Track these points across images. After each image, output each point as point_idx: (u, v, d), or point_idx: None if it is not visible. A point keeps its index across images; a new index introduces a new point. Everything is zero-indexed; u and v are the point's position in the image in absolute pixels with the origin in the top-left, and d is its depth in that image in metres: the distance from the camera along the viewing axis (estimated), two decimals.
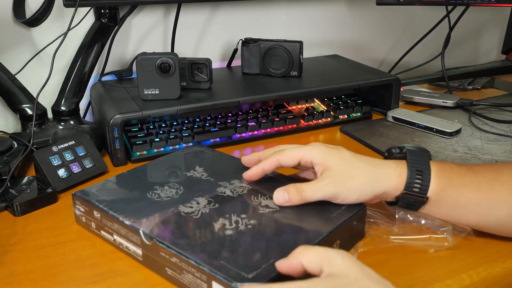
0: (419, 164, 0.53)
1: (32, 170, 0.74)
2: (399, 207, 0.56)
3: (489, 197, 0.53)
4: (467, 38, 1.44)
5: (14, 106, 0.86)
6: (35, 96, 0.79)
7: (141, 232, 0.51)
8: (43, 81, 0.78)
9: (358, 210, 0.54)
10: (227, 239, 0.49)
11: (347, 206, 0.54)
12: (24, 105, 0.86)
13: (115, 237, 0.55)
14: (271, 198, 0.56)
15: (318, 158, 0.54)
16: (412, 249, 0.56)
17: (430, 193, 0.53)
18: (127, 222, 0.52)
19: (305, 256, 0.42)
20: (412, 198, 0.53)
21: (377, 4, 1.04)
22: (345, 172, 0.53)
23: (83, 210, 0.58)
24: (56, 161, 0.70)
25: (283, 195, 0.54)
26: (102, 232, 0.56)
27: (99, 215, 0.56)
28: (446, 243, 0.55)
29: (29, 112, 0.86)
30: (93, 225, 0.57)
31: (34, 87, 0.86)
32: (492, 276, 0.52)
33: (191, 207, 0.55)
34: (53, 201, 0.67)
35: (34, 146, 0.78)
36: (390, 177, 0.53)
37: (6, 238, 0.59)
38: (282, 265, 0.43)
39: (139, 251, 0.52)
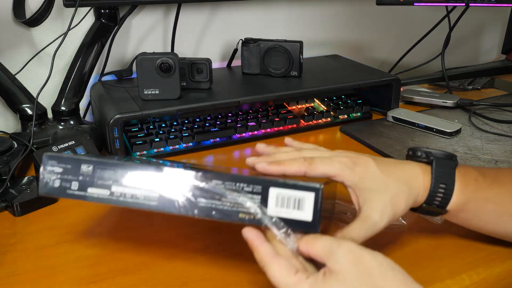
0: (443, 177, 0.51)
1: (32, 170, 0.74)
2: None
3: (510, 209, 0.52)
4: (467, 38, 1.44)
5: (14, 106, 0.86)
6: (35, 96, 0.79)
7: (164, 168, 0.46)
8: (43, 81, 0.78)
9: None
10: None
11: None
12: (24, 105, 0.86)
13: (114, 188, 0.48)
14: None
15: (351, 182, 0.50)
16: (411, 249, 0.56)
17: (450, 206, 0.52)
18: (143, 165, 0.47)
19: (312, 249, 0.43)
20: (431, 210, 0.52)
21: (377, 4, 1.04)
22: (388, 201, 0.49)
23: (60, 170, 0.49)
24: None
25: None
26: (90, 190, 0.49)
27: (90, 168, 0.49)
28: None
29: (29, 112, 0.86)
30: (75, 185, 0.49)
31: (34, 87, 0.86)
32: (492, 276, 0.52)
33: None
34: (53, 201, 0.67)
35: (34, 146, 0.78)
36: (420, 190, 0.52)
37: (6, 238, 0.59)
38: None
39: (154, 194, 0.47)
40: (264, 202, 0.45)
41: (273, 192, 0.45)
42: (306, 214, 0.44)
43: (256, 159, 0.51)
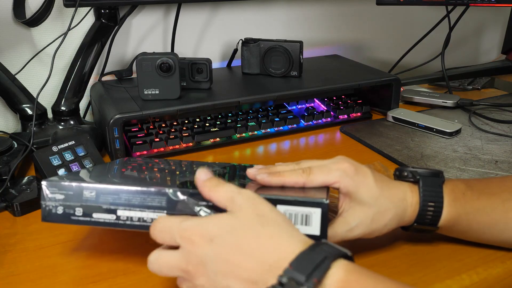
0: (431, 195, 0.52)
1: (32, 170, 0.74)
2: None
3: (504, 218, 0.52)
4: (467, 38, 1.44)
5: (14, 106, 0.86)
6: (35, 96, 0.79)
7: (169, 190, 0.47)
8: (43, 81, 0.78)
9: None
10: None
11: None
12: (24, 105, 0.86)
13: (120, 212, 0.48)
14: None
15: (347, 190, 0.50)
16: (412, 250, 0.56)
17: (441, 223, 0.52)
18: (147, 188, 0.48)
19: (215, 195, 0.44)
20: (423, 228, 0.53)
21: (377, 4, 1.04)
22: (371, 215, 0.50)
23: (61, 197, 0.49)
24: (56, 161, 0.70)
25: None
26: (96, 215, 0.49)
27: (93, 193, 0.49)
28: None
29: (29, 112, 0.86)
30: (79, 211, 0.49)
31: (34, 87, 0.86)
32: (492, 276, 0.52)
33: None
34: None
35: (34, 146, 0.78)
36: (407, 210, 0.52)
37: (6, 238, 0.59)
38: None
39: (162, 215, 0.48)
40: None
41: (281, 209, 0.45)
42: (313, 229, 0.45)
43: (256, 171, 0.51)
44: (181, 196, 0.47)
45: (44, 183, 0.49)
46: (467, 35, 1.43)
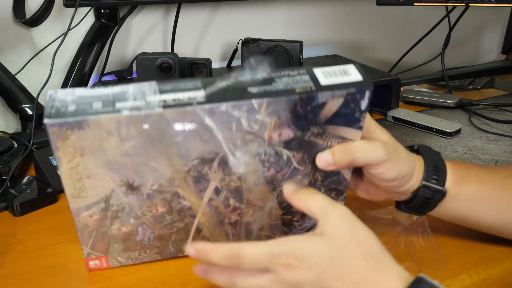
0: (434, 159, 0.52)
1: (32, 170, 0.74)
2: (413, 209, 0.53)
3: (505, 194, 0.52)
4: (467, 38, 1.44)
5: (14, 106, 0.86)
6: (35, 96, 0.79)
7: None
8: (43, 81, 0.78)
9: None
10: None
11: None
12: (24, 105, 0.86)
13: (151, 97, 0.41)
14: None
15: (367, 124, 0.51)
16: (412, 250, 0.56)
17: (447, 185, 0.51)
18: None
19: (306, 205, 0.44)
20: (430, 191, 0.51)
21: (377, 4, 1.04)
22: (391, 144, 0.50)
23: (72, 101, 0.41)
24: (56, 161, 0.70)
25: (327, 157, 0.47)
26: (120, 104, 0.41)
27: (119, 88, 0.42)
28: None
29: (29, 112, 0.86)
30: (98, 104, 0.41)
31: (34, 87, 0.86)
32: (492, 276, 0.52)
33: None
34: (53, 201, 0.67)
35: (34, 146, 0.78)
36: (416, 169, 0.51)
37: (6, 238, 0.59)
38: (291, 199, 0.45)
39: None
40: (313, 79, 0.46)
41: (318, 70, 0.47)
42: (354, 76, 0.46)
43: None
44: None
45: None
46: (467, 35, 1.43)
